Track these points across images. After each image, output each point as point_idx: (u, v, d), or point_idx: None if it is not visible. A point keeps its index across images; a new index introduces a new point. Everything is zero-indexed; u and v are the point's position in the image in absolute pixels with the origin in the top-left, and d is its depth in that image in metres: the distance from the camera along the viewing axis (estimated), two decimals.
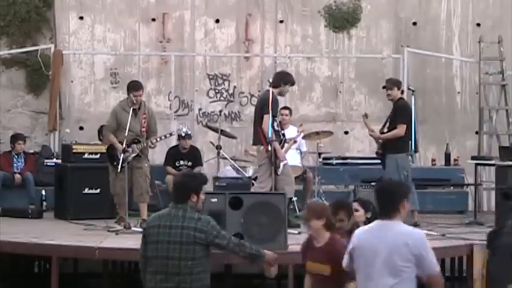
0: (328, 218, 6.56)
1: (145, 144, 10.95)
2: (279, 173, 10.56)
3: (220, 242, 6.44)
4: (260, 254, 6.72)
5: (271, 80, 10.70)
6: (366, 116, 11.36)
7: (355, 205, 7.63)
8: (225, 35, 14.64)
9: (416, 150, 11.15)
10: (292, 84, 10.94)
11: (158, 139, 11.14)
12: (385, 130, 11.19)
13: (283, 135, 10.92)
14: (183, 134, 12.76)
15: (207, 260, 6.44)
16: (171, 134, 11.76)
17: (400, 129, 10.82)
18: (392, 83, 11.29)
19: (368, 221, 7.32)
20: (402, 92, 11.24)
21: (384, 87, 11.33)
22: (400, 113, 10.88)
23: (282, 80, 10.72)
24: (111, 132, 11.02)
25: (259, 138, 10.61)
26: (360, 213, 7.55)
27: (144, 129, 10.99)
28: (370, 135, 11.24)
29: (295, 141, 12.18)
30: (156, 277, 6.40)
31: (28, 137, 13.85)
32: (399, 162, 10.84)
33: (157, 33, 14.58)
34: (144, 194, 10.96)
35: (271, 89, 10.50)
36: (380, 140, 11.18)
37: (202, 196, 6.61)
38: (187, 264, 6.33)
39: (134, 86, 11.10)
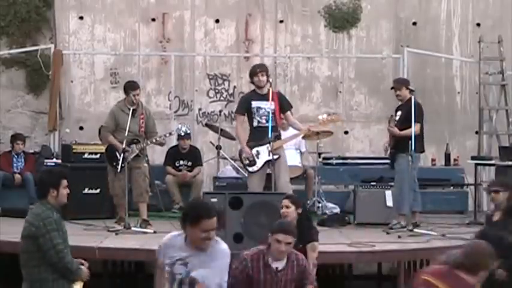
0: None
1: (144, 145, 10.96)
2: (251, 170, 10.53)
3: (43, 243, 6.42)
4: (77, 272, 6.61)
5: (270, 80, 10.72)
6: (391, 117, 11.32)
7: (286, 202, 7.86)
8: (225, 35, 14.64)
9: (422, 151, 11.20)
10: (255, 73, 10.57)
11: (158, 138, 11.14)
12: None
13: (277, 131, 10.70)
14: (183, 134, 12.73)
15: (43, 255, 6.43)
16: (170, 134, 11.75)
17: (416, 128, 10.81)
18: (400, 83, 11.26)
19: (299, 216, 7.74)
20: (411, 91, 11.18)
21: (392, 88, 11.32)
22: (414, 112, 10.85)
23: (249, 77, 10.77)
24: (109, 133, 11.03)
25: None
26: (292, 210, 7.78)
27: (142, 129, 11.00)
28: (389, 130, 11.16)
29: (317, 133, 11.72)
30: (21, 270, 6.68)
31: (28, 137, 13.86)
32: (413, 162, 10.85)
33: (157, 33, 14.58)
34: (144, 193, 10.96)
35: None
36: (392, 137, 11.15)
37: (63, 190, 6.62)
38: (24, 257, 6.53)
39: (131, 86, 11.13)
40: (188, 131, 12.76)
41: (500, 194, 8.39)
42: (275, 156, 10.34)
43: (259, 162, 10.48)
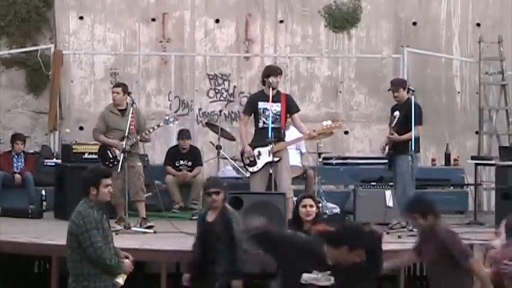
0: None
1: (134, 140, 10.96)
2: (251, 170, 10.53)
3: (82, 240, 6.70)
4: (118, 267, 6.92)
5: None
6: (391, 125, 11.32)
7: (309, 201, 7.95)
8: (225, 35, 14.64)
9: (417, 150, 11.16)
10: (272, 74, 10.59)
11: (148, 132, 11.16)
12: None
13: (280, 133, 10.69)
14: (170, 124, 12.05)
15: (84, 251, 6.72)
16: (158, 126, 11.62)
17: (418, 131, 10.84)
18: (398, 84, 11.22)
19: (316, 215, 7.91)
20: (408, 91, 11.16)
21: (389, 90, 11.30)
22: (414, 114, 10.87)
23: (263, 74, 10.75)
24: (100, 134, 11.09)
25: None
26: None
27: (132, 127, 10.99)
28: (389, 137, 11.11)
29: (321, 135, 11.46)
30: None
31: (28, 137, 13.86)
32: (413, 162, 10.87)
33: (157, 33, 14.58)
34: (140, 192, 10.97)
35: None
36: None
37: (104, 189, 6.83)
38: (68, 252, 6.84)
39: (114, 84, 11.30)
40: (176, 121, 12.31)
41: (220, 195, 8.21)
42: (276, 159, 10.36)
43: (260, 163, 10.49)
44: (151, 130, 11.28)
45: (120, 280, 6.94)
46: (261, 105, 10.53)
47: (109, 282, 6.85)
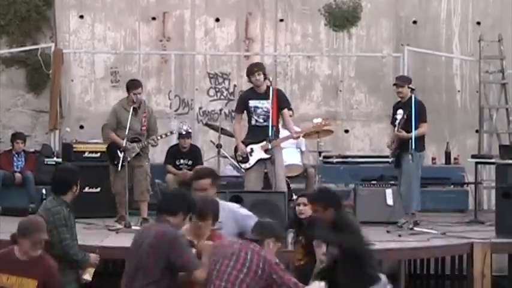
0: None
1: (146, 143, 10.96)
2: (243, 167, 10.57)
3: (50, 236, 6.79)
4: (84, 260, 7.18)
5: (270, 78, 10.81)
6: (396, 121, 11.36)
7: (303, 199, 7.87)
8: (225, 34, 14.65)
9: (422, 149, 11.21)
10: (250, 74, 10.61)
11: (159, 137, 11.17)
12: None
13: (275, 131, 10.71)
14: (184, 132, 12.66)
15: (50, 247, 6.86)
16: (171, 133, 11.73)
17: (424, 128, 10.88)
18: (403, 81, 11.31)
19: None
20: (412, 90, 11.18)
21: (394, 85, 11.34)
22: (421, 111, 10.92)
23: (246, 75, 10.80)
24: (111, 130, 11.06)
25: None
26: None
27: (144, 127, 11.00)
28: (399, 135, 11.10)
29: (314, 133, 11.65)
30: None
31: (28, 136, 13.86)
32: (420, 161, 10.89)
33: (158, 32, 14.58)
34: (145, 192, 10.98)
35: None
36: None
37: (79, 186, 7.23)
38: None
39: (133, 85, 11.14)
40: (189, 130, 12.66)
41: None
42: (267, 156, 10.42)
43: (252, 160, 10.58)
44: (163, 136, 11.32)
45: (87, 276, 7.15)
46: (252, 103, 10.62)
47: (70, 277, 7.02)
